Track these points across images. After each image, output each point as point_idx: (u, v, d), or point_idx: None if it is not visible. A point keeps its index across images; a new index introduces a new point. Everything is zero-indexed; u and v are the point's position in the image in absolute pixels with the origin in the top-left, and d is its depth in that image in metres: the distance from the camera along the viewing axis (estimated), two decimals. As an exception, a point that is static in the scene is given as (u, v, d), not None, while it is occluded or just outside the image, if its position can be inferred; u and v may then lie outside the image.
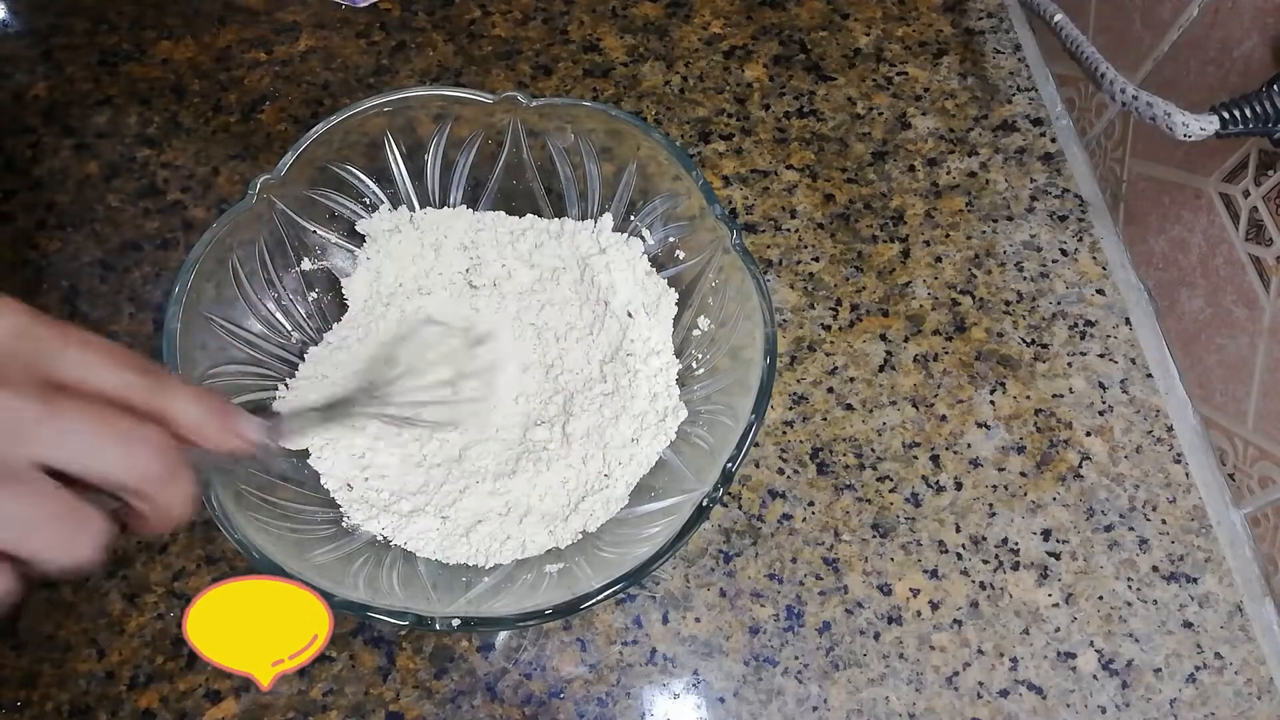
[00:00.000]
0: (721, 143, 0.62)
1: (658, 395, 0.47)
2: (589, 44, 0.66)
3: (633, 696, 0.45)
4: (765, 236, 0.58)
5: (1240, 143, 0.47)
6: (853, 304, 0.56)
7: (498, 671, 0.45)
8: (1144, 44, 0.54)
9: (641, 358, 0.47)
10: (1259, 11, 0.45)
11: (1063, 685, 0.46)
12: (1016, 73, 0.65)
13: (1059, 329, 0.55)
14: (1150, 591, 0.48)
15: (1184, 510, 0.50)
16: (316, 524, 0.43)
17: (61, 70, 0.63)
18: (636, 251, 0.50)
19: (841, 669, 0.46)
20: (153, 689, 0.44)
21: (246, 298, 0.45)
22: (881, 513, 0.50)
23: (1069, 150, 0.62)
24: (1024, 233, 0.59)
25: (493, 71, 0.64)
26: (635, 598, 0.47)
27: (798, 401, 0.53)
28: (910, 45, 0.66)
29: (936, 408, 0.53)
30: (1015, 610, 0.47)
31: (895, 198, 0.60)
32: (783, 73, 0.65)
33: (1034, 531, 0.49)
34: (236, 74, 0.63)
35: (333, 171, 0.48)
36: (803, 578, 0.48)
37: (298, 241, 0.48)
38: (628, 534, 0.43)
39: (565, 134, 0.49)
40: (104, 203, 0.58)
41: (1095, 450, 0.52)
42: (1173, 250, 0.54)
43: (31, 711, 0.43)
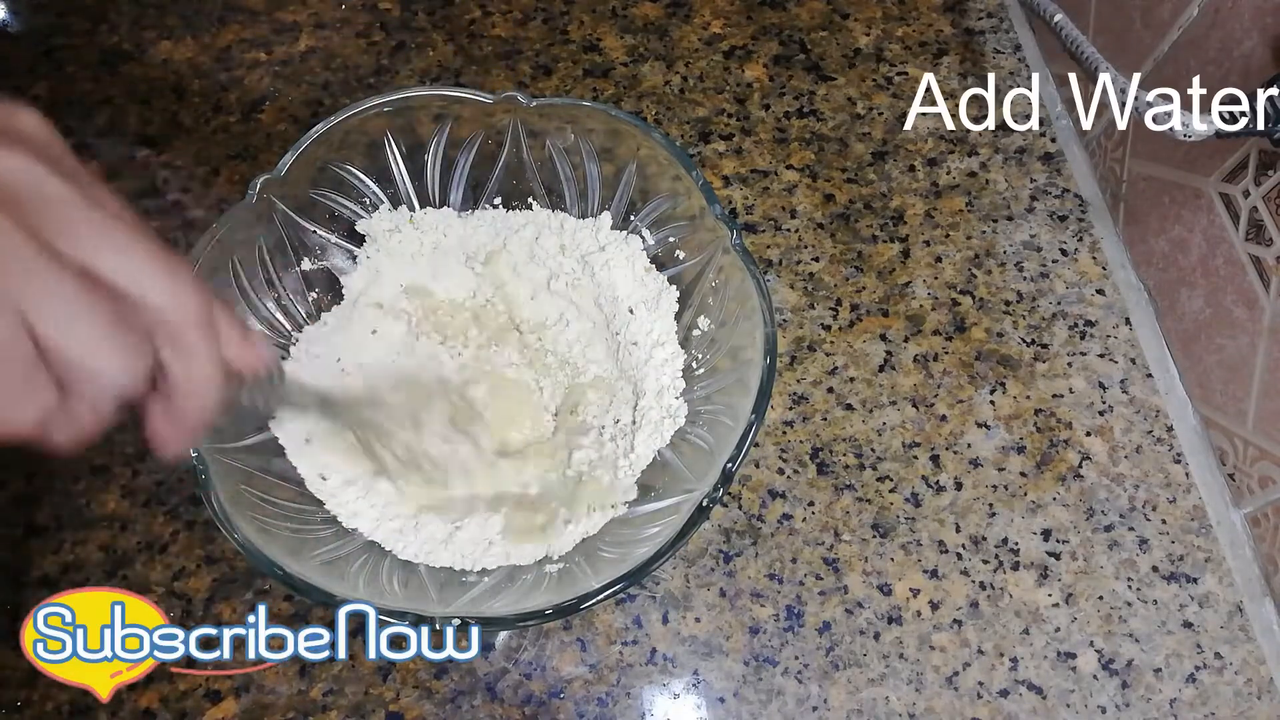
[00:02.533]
0: (721, 143, 0.62)
1: (664, 390, 0.47)
2: (589, 44, 0.66)
3: (633, 696, 0.45)
4: (765, 236, 0.58)
5: (1240, 143, 0.47)
6: (853, 304, 0.56)
7: (498, 671, 0.45)
8: (1144, 44, 0.54)
9: (646, 349, 0.47)
10: (1259, 11, 0.45)
11: (1063, 685, 0.46)
12: (1016, 73, 0.65)
13: (1059, 329, 0.55)
14: (1150, 591, 0.48)
15: (1184, 510, 0.50)
16: (316, 524, 0.42)
17: (61, 70, 0.63)
18: (636, 248, 0.50)
19: (841, 669, 0.46)
20: (153, 689, 0.44)
21: (246, 298, 0.45)
22: (881, 513, 0.50)
23: (1069, 150, 0.62)
24: (1024, 233, 0.59)
25: (493, 71, 0.64)
26: (635, 598, 0.47)
27: (798, 401, 0.53)
28: (910, 45, 0.66)
29: (936, 408, 0.53)
30: (1015, 610, 0.47)
31: (895, 198, 0.60)
32: (783, 73, 0.65)
33: (1034, 531, 0.49)
34: (236, 74, 0.63)
35: (333, 171, 0.48)
36: (803, 578, 0.48)
37: (298, 241, 0.48)
38: (628, 534, 0.43)
39: (565, 134, 0.49)
40: (104, 203, 0.58)
41: (1095, 450, 0.52)
42: (1173, 250, 0.54)
43: (31, 711, 0.43)
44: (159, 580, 0.46)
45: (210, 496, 0.37)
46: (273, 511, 0.41)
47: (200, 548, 0.47)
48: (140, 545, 0.47)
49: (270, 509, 0.41)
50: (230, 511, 0.37)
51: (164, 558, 0.47)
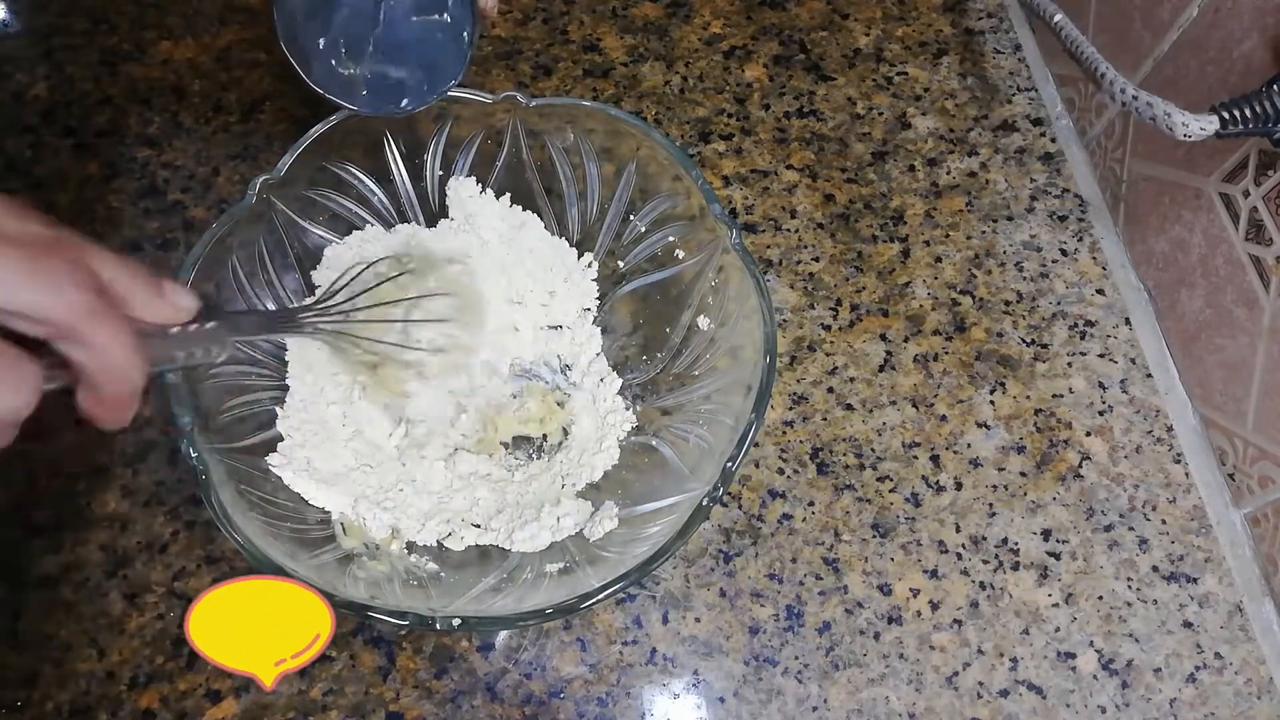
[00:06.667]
0: (721, 143, 0.62)
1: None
2: (589, 44, 0.66)
3: (633, 696, 0.45)
4: (765, 236, 0.58)
5: (1240, 143, 0.47)
6: (853, 304, 0.56)
7: (498, 671, 0.45)
8: (1144, 44, 0.54)
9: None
10: (1259, 11, 0.45)
11: (1063, 685, 0.46)
12: (1016, 73, 0.65)
13: (1059, 329, 0.55)
14: (1150, 591, 0.48)
15: (1184, 510, 0.50)
16: (316, 524, 0.43)
17: (61, 70, 0.63)
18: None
19: (841, 669, 0.46)
20: (153, 689, 0.44)
21: (246, 298, 0.45)
22: (881, 513, 0.50)
23: (1069, 150, 0.62)
24: (1024, 233, 0.59)
25: (493, 71, 0.64)
26: (635, 598, 0.47)
27: (798, 401, 0.53)
28: (910, 45, 0.67)
29: (936, 408, 0.53)
30: (1015, 610, 0.47)
31: (895, 198, 0.60)
32: (783, 73, 0.65)
33: (1034, 531, 0.49)
34: (236, 74, 0.63)
35: (333, 171, 0.48)
36: (803, 578, 0.48)
37: (297, 242, 0.48)
38: (628, 534, 0.43)
39: (565, 134, 0.49)
40: (104, 203, 0.58)
41: (1095, 450, 0.52)
42: (1173, 250, 0.54)
43: (31, 711, 0.43)
44: (159, 580, 0.46)
45: (210, 496, 0.37)
46: (273, 511, 0.40)
47: (200, 548, 0.47)
48: (140, 545, 0.47)
49: (270, 509, 0.40)
50: (230, 511, 0.37)
51: (164, 558, 0.47)
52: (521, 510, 0.45)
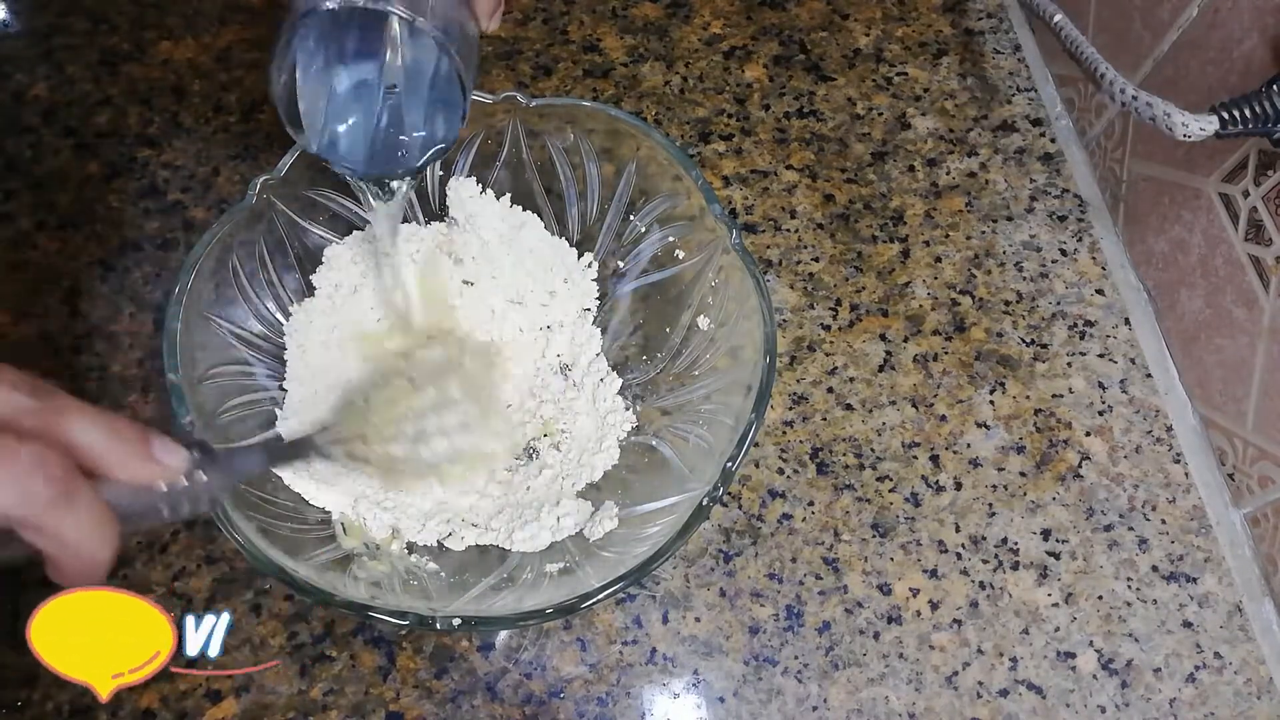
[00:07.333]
0: (721, 143, 0.62)
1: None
2: (589, 44, 0.66)
3: (633, 696, 0.45)
4: (765, 236, 0.58)
5: (1240, 143, 0.47)
6: (852, 304, 0.56)
7: (498, 671, 0.45)
8: (1144, 44, 0.54)
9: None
10: (1259, 11, 0.45)
11: (1062, 685, 0.46)
12: (1016, 73, 0.65)
13: (1059, 329, 0.55)
14: (1150, 591, 0.48)
15: (1184, 510, 0.50)
16: (316, 524, 0.43)
17: (61, 70, 0.63)
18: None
19: (841, 669, 0.46)
20: (153, 689, 0.44)
21: (246, 298, 0.45)
22: (881, 513, 0.50)
23: (1069, 150, 0.62)
24: (1024, 233, 0.59)
25: (493, 71, 0.64)
26: (635, 597, 0.47)
27: (798, 401, 0.53)
28: (910, 45, 0.67)
29: (936, 408, 0.53)
30: (1015, 610, 0.47)
31: (895, 198, 0.60)
32: (783, 73, 0.65)
33: (1034, 531, 0.49)
34: (236, 74, 0.63)
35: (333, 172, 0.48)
36: (803, 577, 0.48)
37: (298, 241, 0.48)
38: (628, 534, 0.43)
39: (565, 134, 0.49)
40: (104, 203, 0.58)
41: (1095, 450, 0.52)
42: (1172, 250, 0.54)
43: (31, 711, 0.43)
44: (159, 580, 0.46)
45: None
46: (273, 511, 0.41)
47: (200, 548, 0.47)
48: (140, 545, 0.47)
49: (270, 509, 0.41)
50: (230, 511, 0.37)
51: (164, 558, 0.47)
52: (521, 510, 0.45)
